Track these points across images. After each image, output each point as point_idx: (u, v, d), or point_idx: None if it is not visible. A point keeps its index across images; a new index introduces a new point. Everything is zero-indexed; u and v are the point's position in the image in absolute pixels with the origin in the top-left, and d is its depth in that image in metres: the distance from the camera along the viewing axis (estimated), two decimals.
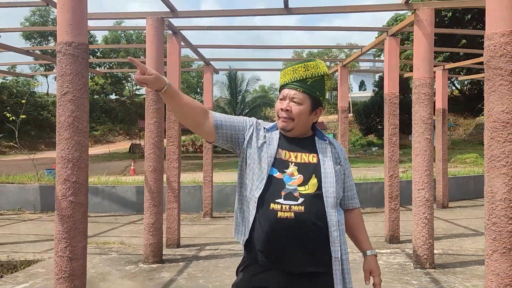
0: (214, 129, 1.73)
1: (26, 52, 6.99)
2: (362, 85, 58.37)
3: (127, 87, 51.15)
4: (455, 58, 22.78)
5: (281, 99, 1.78)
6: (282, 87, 1.79)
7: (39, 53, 8.95)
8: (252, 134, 1.78)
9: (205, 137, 1.78)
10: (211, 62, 8.03)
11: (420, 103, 4.83)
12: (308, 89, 1.76)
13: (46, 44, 46.49)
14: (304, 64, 1.76)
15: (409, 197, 5.05)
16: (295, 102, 1.75)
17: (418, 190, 4.83)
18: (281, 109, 1.75)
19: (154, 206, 4.99)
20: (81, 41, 3.13)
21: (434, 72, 9.11)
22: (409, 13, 5.10)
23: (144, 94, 50.38)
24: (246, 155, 1.77)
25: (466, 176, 10.72)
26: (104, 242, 6.05)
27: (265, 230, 1.65)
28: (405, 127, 13.86)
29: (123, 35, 46.54)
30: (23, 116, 11.28)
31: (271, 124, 1.87)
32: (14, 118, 10.75)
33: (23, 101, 14.49)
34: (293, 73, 1.76)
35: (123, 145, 39.91)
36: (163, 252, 5.20)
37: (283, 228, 1.63)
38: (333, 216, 1.69)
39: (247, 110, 47.03)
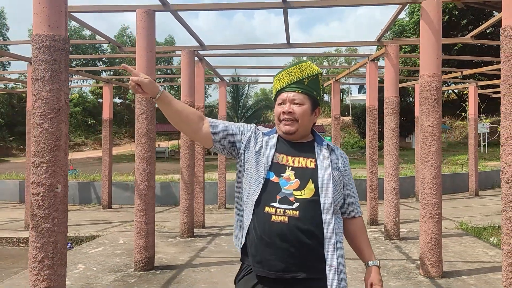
0: (211, 135, 1.73)
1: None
2: (361, 88, 59.89)
3: (130, 91, 52.71)
4: (450, 62, 24.03)
5: (280, 104, 1.77)
6: (279, 92, 1.78)
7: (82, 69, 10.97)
8: (250, 138, 1.77)
9: (203, 143, 1.79)
10: (224, 75, 9.63)
11: (389, 115, 6.40)
12: (306, 89, 1.76)
13: None
14: (299, 66, 1.77)
15: (402, 190, 6.60)
16: (296, 104, 1.75)
17: (388, 181, 6.39)
18: (283, 112, 1.74)
19: (188, 194, 6.55)
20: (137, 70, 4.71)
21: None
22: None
23: None
24: (243, 160, 1.76)
25: (443, 174, 12.28)
26: None
27: (258, 233, 1.64)
28: (403, 130, 15.32)
29: (128, 40, 48.09)
30: None
31: (269, 129, 1.87)
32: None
33: None
34: (289, 76, 1.76)
35: (128, 148, 41.43)
36: (194, 230, 6.77)
37: (276, 231, 1.60)
38: (330, 223, 1.65)
39: (249, 114, 48.59)
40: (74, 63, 44.98)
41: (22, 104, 42.02)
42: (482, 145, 29.41)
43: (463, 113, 13.56)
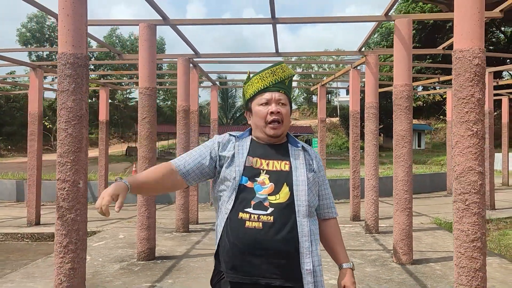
0: (183, 180, 1.70)
1: (38, 66, 7.87)
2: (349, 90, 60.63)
3: (119, 91, 52.79)
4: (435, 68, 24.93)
5: (263, 104, 1.71)
6: (261, 91, 1.72)
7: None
8: (218, 152, 1.73)
9: (179, 188, 1.79)
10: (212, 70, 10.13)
11: (369, 119, 6.96)
12: (287, 89, 1.76)
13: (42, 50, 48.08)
14: (281, 66, 1.74)
15: (388, 190, 7.16)
16: (281, 104, 1.72)
17: (368, 180, 6.96)
18: (272, 112, 1.69)
19: (183, 191, 7.03)
20: (150, 85, 5.20)
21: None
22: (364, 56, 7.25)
23: (136, 98, 51.74)
24: (219, 172, 1.72)
25: (423, 174, 12.96)
26: None
27: (231, 240, 1.61)
28: (389, 131, 15.97)
29: (117, 41, 48.17)
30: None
31: (242, 132, 1.81)
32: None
33: None
34: (273, 76, 1.72)
35: (117, 148, 41.54)
36: (189, 226, 7.25)
37: (250, 238, 1.58)
38: (305, 226, 1.63)
39: (238, 115, 49.04)
40: None
41: (10, 104, 41.89)
42: None
43: (441, 116, 14.25)
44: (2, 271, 5.25)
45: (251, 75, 1.82)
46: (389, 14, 5.19)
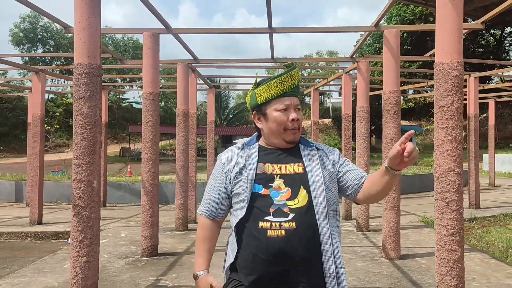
0: (222, 219, 1.83)
1: (40, 70, 8.09)
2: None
3: (111, 93, 52.83)
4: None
5: (283, 110, 1.66)
6: (280, 96, 1.66)
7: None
8: (229, 169, 1.70)
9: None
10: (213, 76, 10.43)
11: (360, 123, 7.31)
12: (300, 93, 1.73)
13: (35, 50, 47.97)
14: (296, 70, 1.69)
15: None
16: (297, 110, 1.69)
17: None
18: (293, 119, 1.65)
19: (182, 192, 7.33)
20: (154, 91, 5.49)
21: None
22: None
23: (128, 99, 51.67)
24: (233, 186, 1.69)
25: (413, 174, 13.37)
26: (140, 221, 8.32)
27: (252, 251, 1.56)
28: (381, 132, 16.35)
29: (110, 41, 48.14)
30: (57, 126, 13.32)
31: (248, 139, 1.79)
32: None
33: None
34: (291, 80, 1.66)
35: (111, 149, 41.58)
36: (188, 225, 7.54)
37: (274, 247, 1.52)
38: (325, 228, 1.59)
39: (231, 116, 49.31)
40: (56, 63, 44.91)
41: (2, 105, 41.66)
42: None
43: (432, 118, 14.69)
44: (11, 267, 5.50)
45: (258, 79, 1.77)
46: (378, 24, 5.54)
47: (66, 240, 7.10)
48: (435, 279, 3.55)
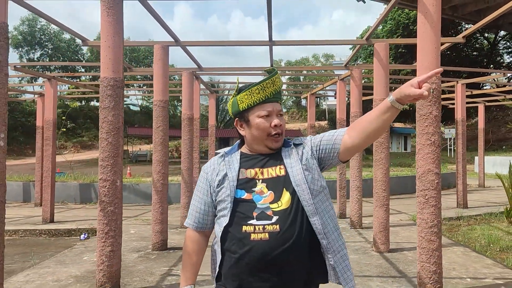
0: (209, 231, 1.78)
1: (52, 77, 9.12)
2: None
3: None
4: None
5: (266, 116, 1.66)
6: (262, 102, 1.66)
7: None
8: (212, 178, 1.71)
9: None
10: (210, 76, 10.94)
11: None
12: (281, 99, 1.73)
13: (33, 53, 48.38)
14: (278, 75, 1.69)
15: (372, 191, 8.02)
16: (280, 115, 1.69)
17: (353, 181, 7.82)
18: (276, 125, 1.65)
19: (187, 191, 7.82)
20: (164, 98, 5.99)
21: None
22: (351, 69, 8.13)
23: (125, 101, 51.80)
24: (216, 194, 1.69)
25: (406, 176, 13.90)
26: (146, 219, 8.81)
27: (236, 256, 1.54)
28: None
29: None
30: (64, 129, 13.71)
31: (229, 148, 1.79)
32: None
33: None
34: (273, 86, 1.67)
35: None
36: None
37: (257, 251, 1.51)
38: (317, 224, 1.58)
39: (228, 118, 49.74)
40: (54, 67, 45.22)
41: None
42: (448, 149, 31.56)
43: None
44: (31, 261, 5.97)
45: (240, 85, 1.77)
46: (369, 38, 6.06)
47: (79, 236, 7.58)
48: (416, 266, 4.05)
